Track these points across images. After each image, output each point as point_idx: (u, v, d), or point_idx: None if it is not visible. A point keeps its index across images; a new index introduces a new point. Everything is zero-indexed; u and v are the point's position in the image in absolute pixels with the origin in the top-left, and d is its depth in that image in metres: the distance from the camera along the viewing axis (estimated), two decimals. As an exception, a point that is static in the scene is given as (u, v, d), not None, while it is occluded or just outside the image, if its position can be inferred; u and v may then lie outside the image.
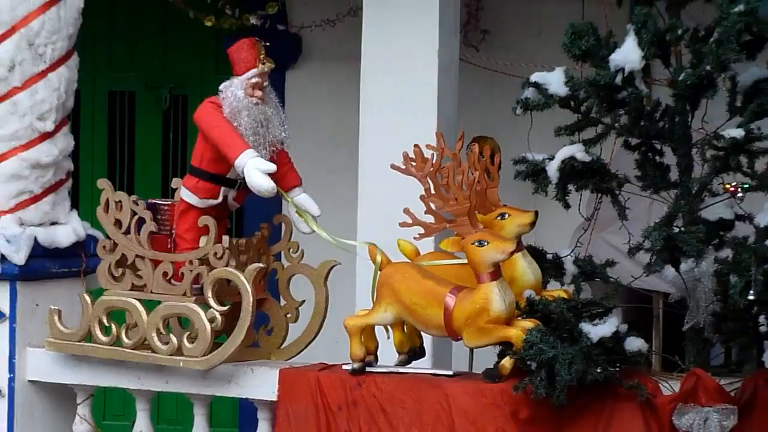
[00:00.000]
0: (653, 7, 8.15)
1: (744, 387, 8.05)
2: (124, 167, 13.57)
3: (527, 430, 8.11)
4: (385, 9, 10.71)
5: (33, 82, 9.05)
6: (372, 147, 10.35)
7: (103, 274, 9.05)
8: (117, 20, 12.12)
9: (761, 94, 8.09)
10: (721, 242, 8.03)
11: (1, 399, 9.08)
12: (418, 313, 8.38)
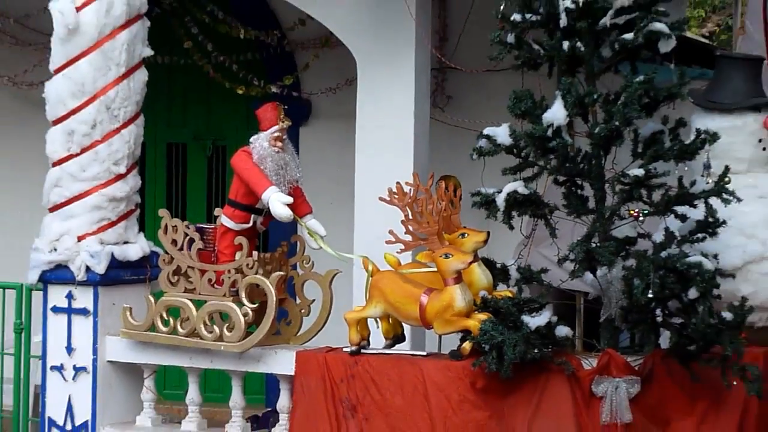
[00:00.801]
0: (575, 77, 8.13)
1: (645, 363, 8.05)
2: (178, 200, 13.53)
3: (482, 396, 8.09)
4: (374, 81, 10.73)
5: (110, 137, 9.04)
6: (365, 184, 10.36)
7: (163, 281, 9.06)
8: (173, 88, 12.11)
9: (656, 143, 8.09)
10: (627, 254, 8.02)
11: (87, 374, 9.06)
12: (399, 308, 8.39)
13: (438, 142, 10.97)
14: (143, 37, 9.22)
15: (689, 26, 21.37)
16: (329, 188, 10.82)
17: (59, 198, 9.11)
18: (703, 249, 8.09)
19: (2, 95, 13.67)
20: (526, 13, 8.24)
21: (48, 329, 9.22)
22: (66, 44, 9.06)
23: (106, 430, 9.07)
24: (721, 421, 8.25)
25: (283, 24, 13.17)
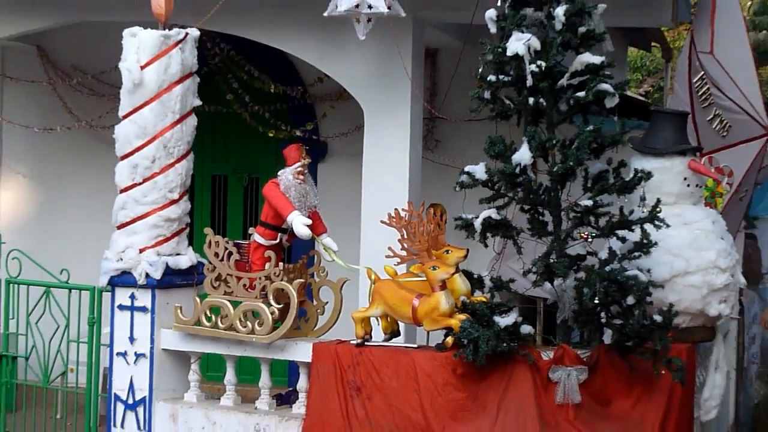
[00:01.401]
0: (538, 126, 8.14)
1: (592, 355, 8.05)
2: (220, 220, 13.50)
3: (461, 380, 8.09)
4: (378, 127, 10.73)
5: (166, 170, 9.05)
6: (369, 209, 10.37)
7: (207, 285, 9.07)
8: (217, 131, 12.10)
9: (602, 179, 8.10)
10: (578, 268, 8.03)
11: (145, 359, 9.07)
12: (396, 309, 8.40)
13: (428, 177, 10.97)
14: (194, 90, 9.24)
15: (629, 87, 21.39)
16: (341, 212, 10.80)
17: (125, 218, 9.13)
18: (638, 265, 8.12)
19: (83, 135, 13.67)
20: (500, 75, 8.25)
21: (115, 323, 9.24)
22: (132, 95, 9.08)
23: (160, 404, 9.08)
24: (652, 402, 8.30)
25: (305, 81, 13.19)
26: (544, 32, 8.20)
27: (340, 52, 10.64)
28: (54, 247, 11.36)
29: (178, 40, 9.10)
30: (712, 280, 8.75)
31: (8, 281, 10.28)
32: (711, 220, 9.07)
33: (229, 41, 12.42)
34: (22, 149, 14.42)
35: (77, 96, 13.93)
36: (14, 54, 13.99)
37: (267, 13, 10.56)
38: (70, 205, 13.75)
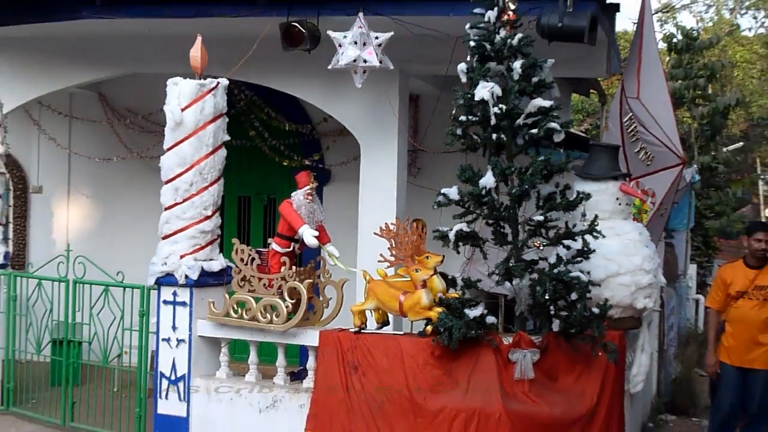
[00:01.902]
0: (500, 157, 8.13)
1: (543, 340, 8.05)
2: (244, 232, 13.47)
3: (439, 360, 8.08)
4: (371, 158, 10.74)
5: (201, 192, 9.05)
6: (365, 223, 10.39)
7: (234, 284, 9.06)
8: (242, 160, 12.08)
9: (551, 199, 8.11)
10: (532, 271, 8.03)
11: (185, 344, 9.07)
12: (386, 304, 8.39)
13: (411, 197, 10.97)
14: (223, 128, 9.24)
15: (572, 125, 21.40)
16: (342, 226, 10.76)
17: (168, 230, 9.12)
18: (580, 268, 8.13)
19: (134, 164, 13.66)
20: (469, 116, 8.25)
21: (160, 315, 9.22)
22: (174, 132, 9.08)
23: (197, 380, 9.06)
24: (591, 378, 8.32)
25: (313, 120, 13.18)
26: (505, 81, 8.20)
27: (341, 97, 10.65)
28: (111, 253, 11.34)
29: (211, 88, 9.12)
30: (638, 280, 8.79)
31: (75, 281, 10.27)
32: (638, 231, 9.12)
33: (251, 88, 12.42)
34: (85, 175, 14.43)
35: (130, 132, 13.94)
36: (80, 99, 14.00)
37: (282, 66, 10.56)
38: (124, 220, 13.75)
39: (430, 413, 8.03)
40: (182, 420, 9.10)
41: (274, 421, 8.75)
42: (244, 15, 9.92)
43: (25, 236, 14.40)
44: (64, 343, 10.54)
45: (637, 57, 10.26)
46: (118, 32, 11.03)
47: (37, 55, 11.73)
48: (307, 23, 9.64)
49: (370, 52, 9.33)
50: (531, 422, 8.00)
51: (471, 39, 8.44)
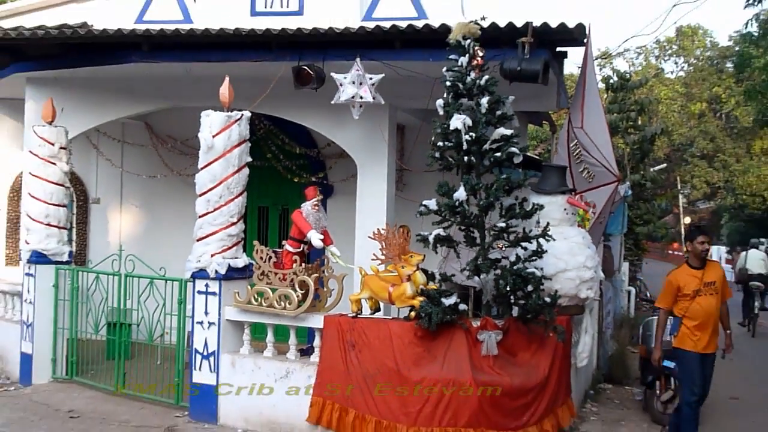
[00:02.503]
0: (470, 175, 8.11)
1: (505, 323, 8.04)
2: (263, 236, 13.39)
3: (421, 340, 8.05)
4: (366, 175, 10.71)
5: (228, 203, 9.03)
6: (361, 229, 10.36)
7: (255, 278, 9.05)
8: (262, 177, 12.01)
9: (511, 210, 8.10)
10: (496, 267, 8.01)
11: (215, 326, 9.04)
12: (378, 294, 8.40)
13: (399, 208, 10.93)
14: (246, 151, 9.20)
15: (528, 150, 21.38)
16: (342, 231, 10.72)
17: (202, 234, 9.07)
18: (535, 265, 8.12)
19: (174, 180, 13.64)
20: (445, 142, 8.24)
21: (195, 302, 9.19)
22: (206, 155, 9.04)
23: (224, 355, 9.03)
24: (544, 354, 8.36)
25: (318, 145, 13.14)
26: (474, 114, 8.20)
27: (342, 126, 10.62)
28: (155, 252, 11.30)
29: (236, 119, 9.09)
30: (582, 275, 8.82)
31: (126, 275, 10.24)
32: (581, 236, 9.14)
33: (269, 119, 12.38)
34: (135, 189, 14.39)
35: (171, 154, 13.91)
36: (130, 127, 13.97)
37: (294, 101, 10.54)
38: (165, 225, 13.72)
39: (413, 382, 8.01)
40: (212, 387, 9.06)
41: (287, 388, 8.71)
42: (262, 60, 9.92)
43: (85, 239, 14.35)
44: (117, 325, 10.50)
45: (581, 94, 10.26)
46: (161, 73, 11.01)
47: (96, 91, 11.71)
48: (314, 66, 9.64)
49: (365, 90, 9.33)
50: (494, 390, 7.96)
51: (447, 80, 8.47)
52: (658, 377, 9.62)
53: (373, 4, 12.10)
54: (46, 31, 11.07)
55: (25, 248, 10.88)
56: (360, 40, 9.59)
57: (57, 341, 10.78)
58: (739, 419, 9.61)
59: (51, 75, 11.61)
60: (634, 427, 9.25)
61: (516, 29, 8.88)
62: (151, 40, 10.27)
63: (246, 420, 8.86)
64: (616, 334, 14.02)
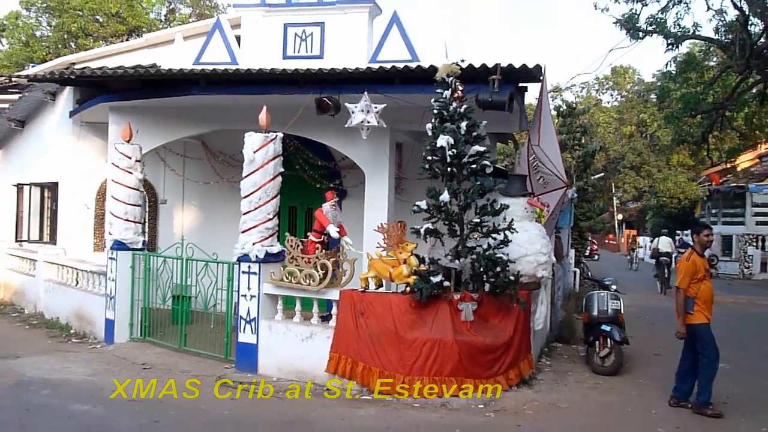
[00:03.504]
0: (453, 181, 8.10)
1: (479, 296, 8.06)
2: (293, 228, 13.36)
3: (414, 309, 8.05)
4: (372, 182, 10.68)
5: (266, 203, 9.01)
6: (368, 223, 10.29)
7: (286, 261, 9.02)
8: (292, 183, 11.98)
9: (484, 208, 8.08)
10: (472, 253, 7.99)
11: (255, 298, 9.01)
12: (381, 274, 8.41)
13: (397, 207, 10.89)
14: (279, 163, 9.17)
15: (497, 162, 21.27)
16: (354, 225, 10.71)
17: (245, 227, 9.04)
18: (502, 252, 8.13)
19: (225, 186, 13.67)
20: (433, 156, 8.24)
21: (240, 280, 9.16)
22: (249, 166, 9.02)
23: (263, 321, 9.02)
24: (509, 319, 8.36)
25: (335, 159, 13.11)
26: (455, 135, 8.20)
27: (353, 144, 10.60)
28: (209, 242, 11.25)
29: (272, 138, 9.07)
30: (539, 259, 8.81)
31: (186, 259, 10.22)
32: (538, 229, 9.13)
33: (297, 138, 12.30)
34: (194, 192, 14.40)
35: (221, 166, 13.91)
36: (190, 145, 13.97)
37: (316, 124, 10.52)
38: (217, 220, 13.68)
39: (408, 341, 8.03)
40: (253, 345, 9.06)
41: (311, 346, 8.73)
42: (292, 93, 9.93)
43: (155, 231, 14.36)
44: (180, 297, 10.48)
45: (538, 119, 10.24)
46: (214, 103, 11.03)
47: (163, 117, 11.72)
48: (332, 98, 9.63)
49: (371, 116, 9.33)
50: (471, 347, 8.02)
51: (434, 108, 8.48)
52: (597, 338, 9.59)
53: (378, 49, 12.10)
54: (124, 70, 11.11)
55: (109, 238, 10.90)
56: (367, 78, 9.62)
57: (133, 310, 10.78)
58: (661, 368, 9.60)
59: (128, 104, 11.64)
60: (578, 376, 9.24)
61: (488, 69, 8.90)
62: (206, 78, 10.31)
63: (279, 370, 8.87)
64: (565, 305, 14.01)
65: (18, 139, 16.38)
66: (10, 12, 39.37)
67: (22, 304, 13.89)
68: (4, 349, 10.18)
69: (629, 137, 52.02)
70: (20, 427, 6.61)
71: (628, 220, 53.80)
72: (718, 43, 19.08)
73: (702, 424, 7.27)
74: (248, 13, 12.73)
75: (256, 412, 7.43)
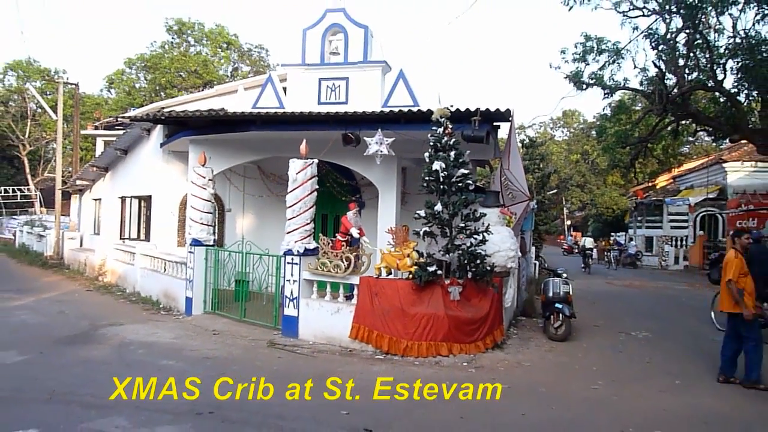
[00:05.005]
0: (444, 196, 8.06)
1: (464, 282, 7.97)
2: (325, 230, 13.33)
3: (415, 291, 8.00)
4: (384, 196, 10.65)
5: (305, 212, 8.98)
6: (381, 226, 10.28)
7: (320, 254, 8.96)
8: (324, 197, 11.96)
9: (468, 216, 8.02)
10: (459, 249, 7.93)
11: (297, 282, 8.96)
12: (390, 264, 8.34)
13: (403, 216, 10.86)
14: (315, 182, 9.14)
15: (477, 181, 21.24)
16: (370, 228, 10.65)
17: (289, 229, 8.99)
18: (481, 249, 8.07)
19: (274, 199, 13.64)
20: (429, 177, 8.21)
21: (285, 269, 9.11)
22: (292, 184, 9.00)
23: (302, 300, 8.95)
24: (486, 299, 8.26)
25: (357, 179, 13.05)
26: (446, 161, 8.17)
27: (370, 168, 10.56)
28: (263, 240, 11.27)
29: (309, 163, 9.06)
30: (508, 254, 8.75)
31: (245, 253, 10.21)
32: (508, 231, 9.05)
33: (328, 164, 12.21)
34: (251, 204, 14.37)
35: (272, 183, 13.91)
36: (249, 168, 13.96)
37: (342, 153, 10.49)
38: (269, 224, 13.66)
39: (411, 315, 7.97)
40: (295, 318, 9.00)
41: (338, 318, 8.66)
42: (324, 130, 9.94)
43: (222, 232, 14.33)
44: (240, 281, 10.47)
45: (507, 149, 10.19)
46: (267, 136, 11.02)
47: (229, 147, 11.74)
48: (354, 133, 9.63)
49: (383, 147, 9.29)
50: (458, 320, 7.95)
51: (430, 141, 8.45)
52: (552, 313, 9.52)
53: (388, 97, 12.10)
54: (200, 112, 11.18)
55: (188, 237, 10.92)
56: (380, 118, 9.60)
57: (206, 290, 10.78)
58: (600, 336, 9.52)
59: (203, 138, 11.66)
60: (538, 342, 9.16)
61: (470, 112, 8.87)
62: (261, 118, 10.34)
63: (314, 336, 8.83)
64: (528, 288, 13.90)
65: (122, 163, 16.48)
66: (117, 70, 39.81)
67: (124, 285, 13.94)
68: (112, 319, 10.24)
69: (576, 163, 51.82)
70: (125, 375, 6.65)
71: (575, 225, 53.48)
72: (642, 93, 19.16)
73: (630, 375, 7.22)
74: (292, 70, 12.79)
75: (296, 366, 7.41)
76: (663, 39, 16.52)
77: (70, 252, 19.32)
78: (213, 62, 38.44)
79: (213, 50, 39.19)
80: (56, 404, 5.73)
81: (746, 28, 15.77)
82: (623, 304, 14.37)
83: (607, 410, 6.01)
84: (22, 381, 6.44)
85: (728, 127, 17.02)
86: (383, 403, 6.05)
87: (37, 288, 14.10)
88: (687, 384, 7.02)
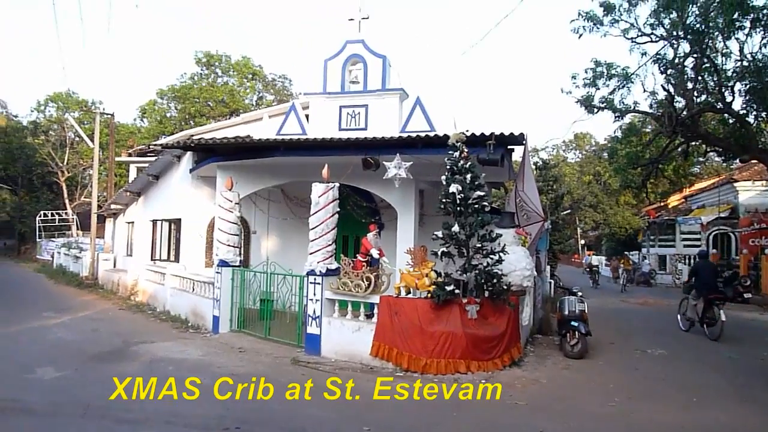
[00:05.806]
0: (461, 217, 8.03)
1: (481, 301, 7.90)
2: (346, 251, 13.30)
3: (433, 310, 7.95)
4: (403, 218, 10.64)
5: (327, 234, 9.02)
6: (400, 246, 10.26)
7: (342, 274, 8.95)
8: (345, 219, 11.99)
9: (485, 236, 7.98)
10: (476, 269, 7.89)
11: (319, 302, 8.96)
12: (409, 284, 8.29)
13: (421, 236, 10.80)
14: (336, 204, 9.18)
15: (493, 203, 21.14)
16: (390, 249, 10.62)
17: (312, 250, 9.02)
18: (498, 268, 8.01)
19: (297, 221, 13.69)
20: (446, 199, 8.21)
21: (308, 288, 9.12)
22: (314, 206, 9.05)
23: (324, 318, 8.94)
24: (503, 318, 8.17)
25: (377, 201, 13.02)
26: (462, 183, 8.17)
27: (389, 191, 10.57)
28: (286, 260, 11.30)
29: (331, 187, 9.12)
30: (524, 273, 8.66)
31: (270, 273, 10.25)
32: (524, 251, 8.97)
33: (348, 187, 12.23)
34: (275, 226, 14.45)
35: (295, 206, 13.96)
36: (273, 192, 14.05)
37: (362, 177, 10.52)
38: (292, 245, 13.72)
39: (429, 333, 7.92)
40: (317, 336, 8.98)
41: (359, 336, 8.62)
42: (345, 155, 9.99)
43: (248, 253, 14.39)
44: (265, 300, 10.49)
45: (522, 171, 10.18)
46: (290, 162, 11.11)
47: (254, 172, 11.87)
48: (374, 158, 9.68)
49: (402, 171, 9.31)
50: (476, 338, 7.88)
51: (447, 164, 8.47)
52: (568, 331, 9.38)
53: (406, 123, 12.18)
54: (228, 140, 11.35)
55: (216, 258, 11.02)
56: (399, 143, 9.66)
57: (232, 309, 10.82)
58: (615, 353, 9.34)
59: (230, 163, 11.80)
60: (554, 359, 9.02)
61: (485, 136, 8.88)
62: (285, 144, 10.46)
63: (336, 353, 8.79)
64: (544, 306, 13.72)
65: (153, 188, 16.76)
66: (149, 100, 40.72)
67: (155, 304, 14.06)
68: (143, 336, 10.32)
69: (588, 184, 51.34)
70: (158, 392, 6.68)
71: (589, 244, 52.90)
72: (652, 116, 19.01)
73: (646, 392, 7.06)
74: (314, 98, 12.96)
75: (319, 382, 7.39)
76: (671, 63, 16.47)
77: (104, 272, 19.61)
78: (239, 92, 39.10)
79: (239, 80, 39.91)
80: (91, 419, 5.78)
81: (753, 51, 15.65)
82: (638, 321, 14.10)
83: (625, 427, 5.88)
84: (58, 396, 6.52)
85: (738, 147, 16.83)
86: (407, 415, 6.00)
87: (73, 307, 14.31)
88: (704, 401, 6.84)
